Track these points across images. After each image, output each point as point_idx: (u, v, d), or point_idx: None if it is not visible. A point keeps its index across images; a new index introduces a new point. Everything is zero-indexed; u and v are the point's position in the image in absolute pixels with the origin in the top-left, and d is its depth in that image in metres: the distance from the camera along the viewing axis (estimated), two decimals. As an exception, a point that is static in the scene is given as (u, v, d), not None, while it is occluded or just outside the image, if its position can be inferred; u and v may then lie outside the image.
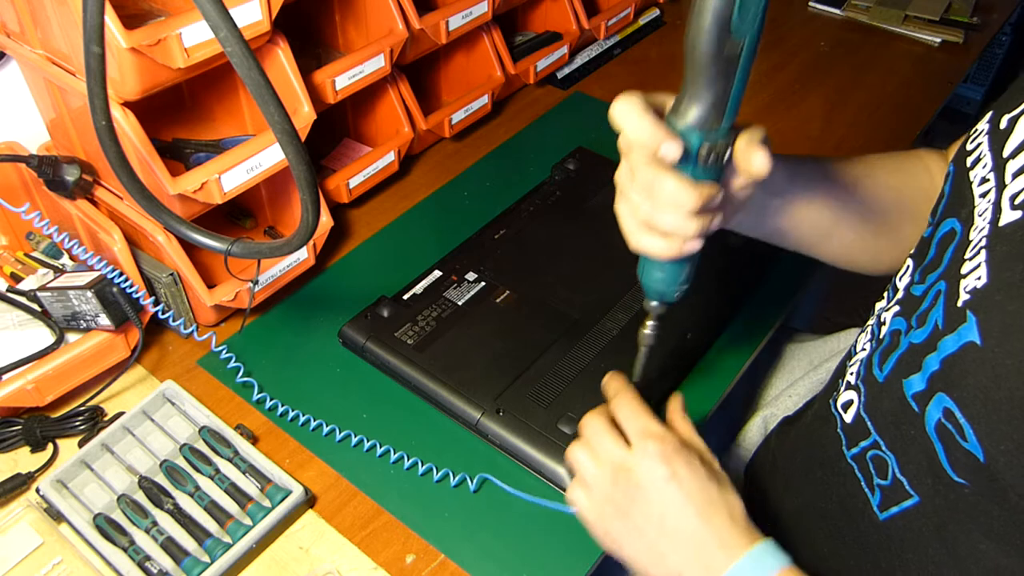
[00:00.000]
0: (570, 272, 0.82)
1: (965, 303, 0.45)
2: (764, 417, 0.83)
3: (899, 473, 0.50)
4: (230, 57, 0.44)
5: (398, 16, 0.86)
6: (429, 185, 0.98)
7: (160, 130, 0.84)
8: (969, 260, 0.46)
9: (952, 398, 0.44)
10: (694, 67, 0.46)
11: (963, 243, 0.48)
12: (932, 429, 0.46)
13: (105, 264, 0.71)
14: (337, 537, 0.64)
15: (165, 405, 0.71)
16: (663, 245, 0.51)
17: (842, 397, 0.57)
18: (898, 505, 0.51)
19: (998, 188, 0.47)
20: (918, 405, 0.47)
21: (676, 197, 0.48)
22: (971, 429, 0.43)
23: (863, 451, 0.54)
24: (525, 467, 0.67)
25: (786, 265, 0.86)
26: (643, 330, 0.59)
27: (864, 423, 0.53)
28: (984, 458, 0.43)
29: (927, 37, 1.24)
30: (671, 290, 0.56)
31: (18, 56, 0.72)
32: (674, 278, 0.55)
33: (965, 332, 0.44)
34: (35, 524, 0.63)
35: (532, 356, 0.73)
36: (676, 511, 0.51)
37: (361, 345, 0.75)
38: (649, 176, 0.49)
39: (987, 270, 0.44)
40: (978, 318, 0.43)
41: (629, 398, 0.57)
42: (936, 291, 0.49)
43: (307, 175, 0.50)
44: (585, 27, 1.14)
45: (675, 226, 0.50)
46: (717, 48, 0.45)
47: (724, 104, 0.48)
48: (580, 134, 1.05)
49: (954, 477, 0.46)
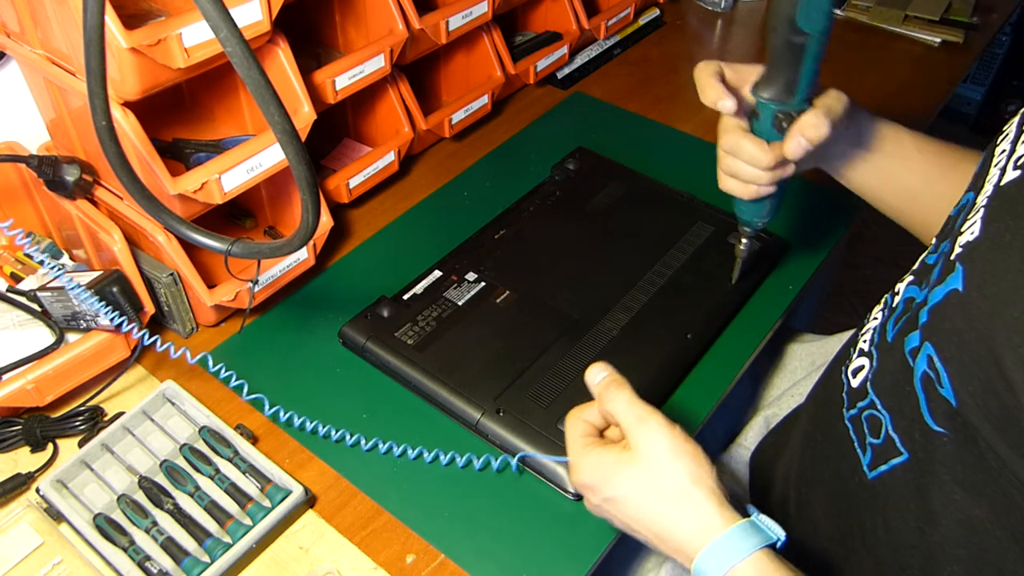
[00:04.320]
0: (570, 272, 0.82)
1: (957, 256, 0.47)
2: (765, 417, 0.83)
3: (892, 430, 0.52)
4: (230, 57, 0.44)
5: (398, 16, 0.86)
6: (429, 185, 0.98)
7: (160, 130, 0.84)
8: (970, 220, 0.49)
9: (932, 343, 0.47)
10: (769, 53, 0.60)
11: (970, 208, 0.50)
12: (919, 379, 0.48)
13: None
14: (337, 537, 0.64)
15: (165, 405, 0.71)
16: (742, 189, 0.67)
17: (854, 363, 0.59)
18: (887, 463, 0.52)
19: (1009, 155, 0.49)
20: (912, 359, 0.49)
21: (752, 156, 0.64)
22: (945, 372, 0.45)
23: (859, 412, 0.56)
24: (525, 467, 0.67)
25: (786, 265, 0.86)
26: (738, 246, 0.76)
27: (866, 386, 0.56)
28: (956, 402, 0.45)
29: (927, 37, 1.24)
30: (754, 220, 0.71)
31: (18, 56, 0.72)
32: (756, 212, 0.70)
33: (952, 281, 0.46)
34: (35, 524, 0.63)
35: (532, 356, 0.73)
36: (649, 520, 0.54)
37: (361, 345, 0.75)
38: (732, 138, 0.64)
39: (980, 225, 0.47)
40: (964, 267, 0.46)
41: (573, 420, 0.60)
42: (941, 253, 0.51)
43: (307, 175, 0.50)
44: (585, 27, 1.14)
45: (752, 176, 0.65)
46: (785, 40, 0.57)
47: (795, 83, 0.60)
48: (580, 134, 1.05)
49: (933, 426, 0.47)
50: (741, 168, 0.65)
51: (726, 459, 0.81)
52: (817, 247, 0.88)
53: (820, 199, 0.94)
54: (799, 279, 0.84)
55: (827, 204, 0.94)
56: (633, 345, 0.74)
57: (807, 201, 0.94)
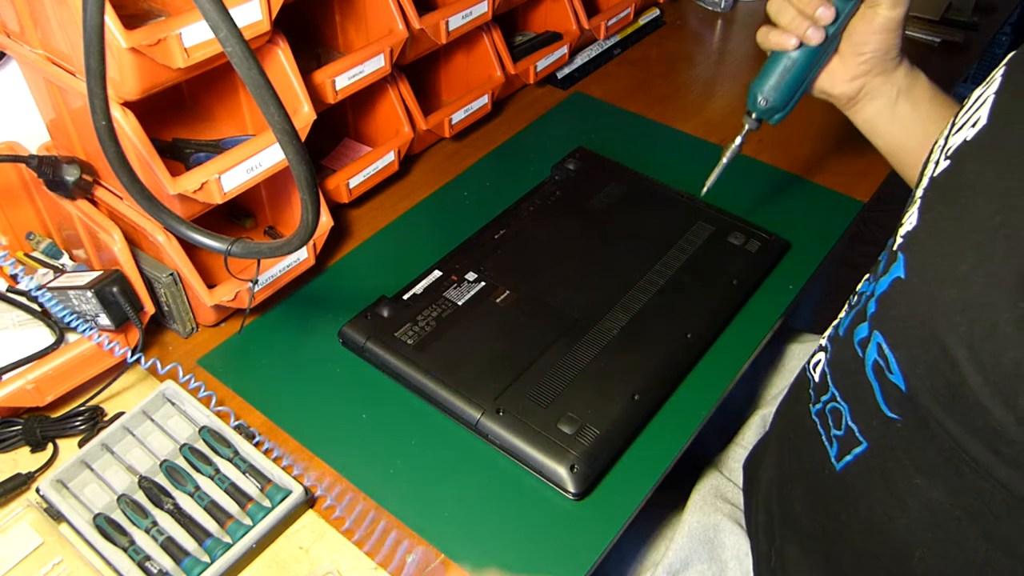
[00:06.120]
0: (570, 272, 0.82)
1: (899, 246, 0.49)
2: (764, 416, 0.83)
3: (851, 421, 0.54)
4: (230, 57, 0.44)
5: (398, 16, 0.86)
6: (429, 185, 0.98)
7: (160, 130, 0.84)
8: (908, 212, 0.51)
9: (880, 331, 0.49)
10: None
11: (911, 200, 0.53)
12: (870, 368, 0.50)
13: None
14: (337, 537, 0.64)
15: (165, 405, 0.71)
16: (778, 38, 0.68)
17: (814, 359, 0.61)
18: (851, 453, 0.54)
19: (943, 148, 0.52)
20: (862, 350, 0.51)
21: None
22: (893, 358, 0.47)
23: (824, 405, 0.57)
24: (525, 467, 0.67)
25: (786, 265, 0.86)
26: (731, 143, 0.74)
27: (826, 378, 0.57)
28: (906, 387, 0.46)
29: (927, 37, 1.24)
30: (773, 95, 0.70)
31: (18, 56, 0.72)
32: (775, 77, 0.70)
33: (895, 270, 0.48)
34: (35, 524, 0.63)
35: (532, 356, 0.73)
36: None
37: (361, 345, 0.75)
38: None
39: (917, 215, 0.50)
40: (905, 256, 0.48)
41: None
42: (889, 247, 0.53)
43: (307, 175, 0.50)
44: (585, 27, 1.14)
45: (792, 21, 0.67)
46: None
47: None
48: (580, 134, 1.05)
49: (888, 413, 0.49)
50: (786, 9, 0.67)
51: (725, 459, 0.81)
52: (817, 247, 0.88)
53: (820, 199, 0.94)
54: (799, 279, 0.84)
55: (827, 204, 0.94)
56: (633, 345, 0.74)
57: (807, 201, 0.94)
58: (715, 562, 0.72)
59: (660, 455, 0.68)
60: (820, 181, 0.97)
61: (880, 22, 0.66)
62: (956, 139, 0.51)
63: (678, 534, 0.72)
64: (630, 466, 0.68)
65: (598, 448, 0.66)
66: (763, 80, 0.71)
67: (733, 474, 0.79)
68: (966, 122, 0.51)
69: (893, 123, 0.71)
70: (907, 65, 0.70)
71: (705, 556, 0.72)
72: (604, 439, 0.67)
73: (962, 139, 0.50)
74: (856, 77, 0.70)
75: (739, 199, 0.92)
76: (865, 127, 0.74)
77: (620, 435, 0.68)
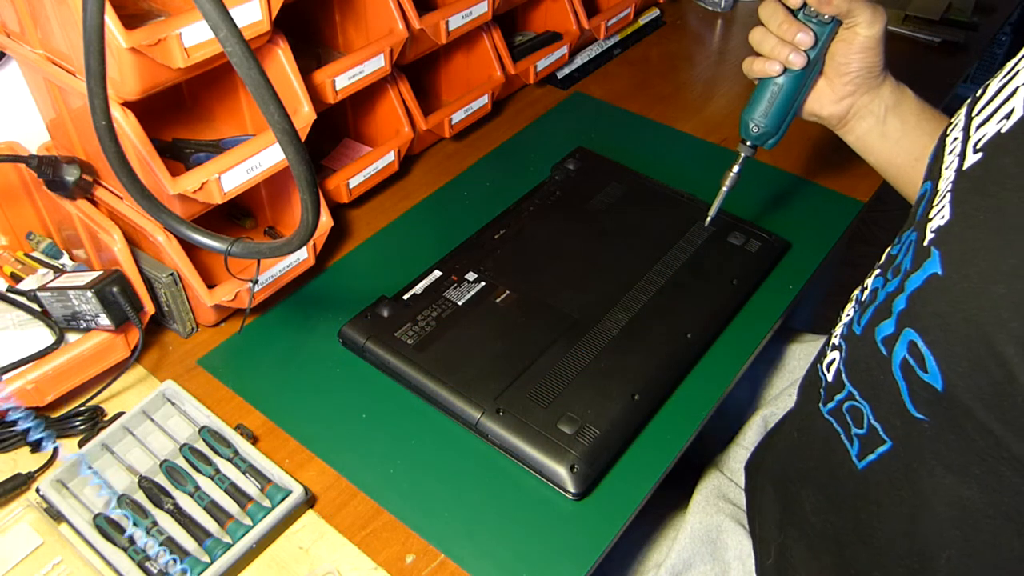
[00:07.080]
0: (570, 272, 0.82)
1: (931, 241, 0.48)
2: (764, 417, 0.83)
3: (873, 420, 0.53)
4: (230, 57, 0.44)
5: (398, 16, 0.86)
6: (429, 185, 0.98)
7: (160, 130, 0.84)
8: (936, 206, 0.49)
9: (915, 329, 0.47)
10: None
11: (932, 196, 0.52)
12: (897, 367, 0.49)
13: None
14: (337, 537, 0.64)
15: (165, 405, 0.71)
16: (761, 66, 0.70)
17: (827, 358, 0.60)
18: (874, 452, 0.53)
19: (963, 141, 0.51)
20: (886, 348, 0.50)
21: (777, 24, 0.69)
22: (931, 356, 0.46)
23: (839, 404, 0.57)
24: (525, 467, 0.67)
25: (786, 265, 0.86)
26: (728, 172, 0.76)
27: (841, 377, 0.57)
28: (943, 385, 0.45)
29: (927, 37, 1.24)
30: (763, 121, 0.72)
31: (18, 56, 0.72)
32: (764, 104, 0.72)
33: (929, 266, 0.47)
34: (35, 524, 0.63)
35: (532, 356, 0.73)
36: None
37: (361, 345, 0.75)
38: (770, 6, 0.70)
39: (950, 208, 0.48)
40: (940, 251, 0.47)
41: None
42: (908, 242, 0.52)
43: (307, 175, 0.50)
44: (585, 27, 1.14)
45: (774, 48, 0.69)
46: None
47: None
48: (580, 134, 1.05)
49: (915, 413, 0.48)
50: (767, 38, 0.69)
51: (726, 459, 0.81)
52: (817, 247, 0.88)
53: (820, 199, 0.94)
54: (799, 279, 0.84)
55: (827, 204, 0.94)
56: (633, 345, 0.74)
57: (807, 201, 0.94)
58: (718, 563, 0.72)
59: (660, 455, 0.68)
60: (820, 181, 0.97)
61: (860, 42, 0.68)
62: (985, 131, 0.49)
63: (681, 535, 0.72)
64: (630, 466, 0.68)
65: (598, 448, 0.66)
66: (753, 107, 0.73)
67: (735, 474, 0.79)
68: (993, 114, 0.49)
69: (884, 140, 0.72)
70: (892, 82, 0.71)
71: (708, 557, 0.72)
72: (604, 439, 0.67)
73: (995, 131, 0.48)
74: (843, 97, 0.71)
75: (739, 199, 0.92)
76: (858, 145, 0.74)
77: (620, 435, 0.68)
